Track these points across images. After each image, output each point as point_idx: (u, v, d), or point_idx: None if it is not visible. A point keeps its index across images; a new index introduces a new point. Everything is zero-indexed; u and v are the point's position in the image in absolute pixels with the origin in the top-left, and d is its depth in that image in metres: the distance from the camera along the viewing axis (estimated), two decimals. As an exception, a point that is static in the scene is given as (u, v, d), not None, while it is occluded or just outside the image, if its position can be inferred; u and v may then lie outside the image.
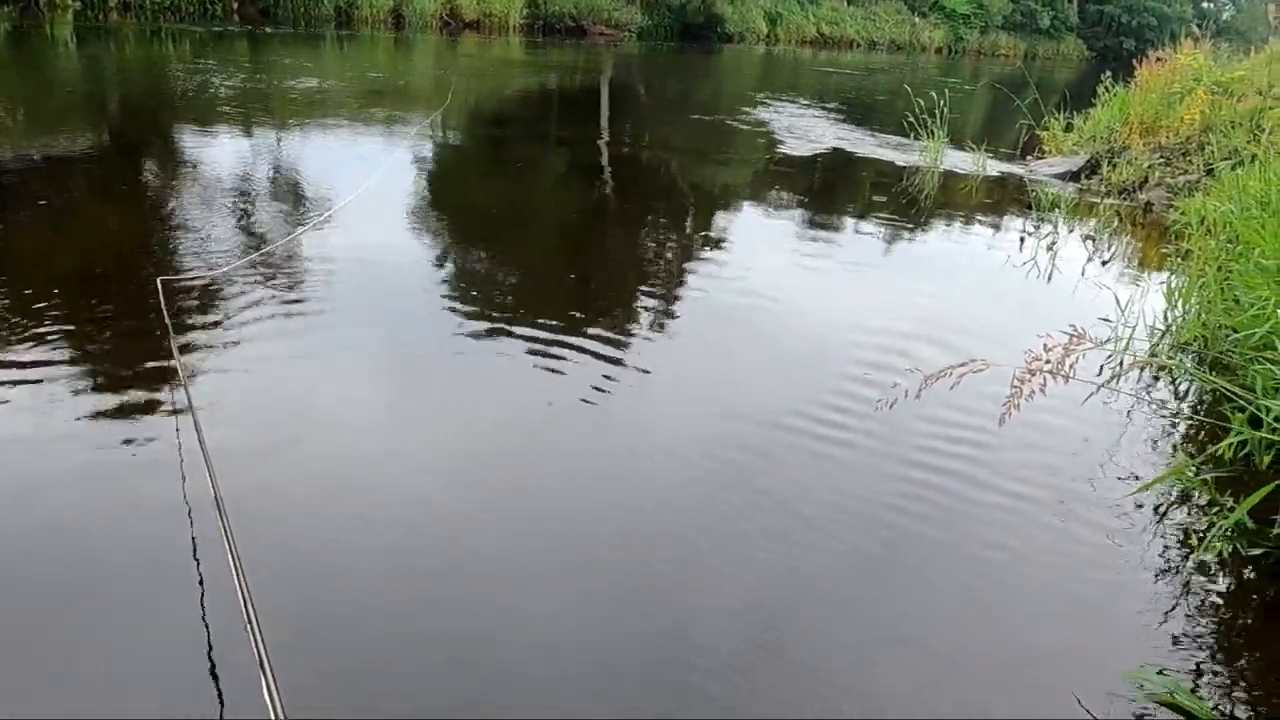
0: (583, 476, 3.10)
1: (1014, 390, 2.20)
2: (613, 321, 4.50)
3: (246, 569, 2.07)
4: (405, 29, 25.66)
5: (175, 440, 2.98)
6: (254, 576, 2.06)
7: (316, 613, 2.31)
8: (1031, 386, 2.17)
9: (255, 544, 2.41)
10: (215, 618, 2.20)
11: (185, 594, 2.29)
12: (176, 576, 2.36)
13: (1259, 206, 5.27)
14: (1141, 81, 11.36)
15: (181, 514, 2.60)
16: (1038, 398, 2.33)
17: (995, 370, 2.34)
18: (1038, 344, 2.28)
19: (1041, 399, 2.45)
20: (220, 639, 2.13)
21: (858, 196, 8.91)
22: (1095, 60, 45.13)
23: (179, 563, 2.41)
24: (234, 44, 18.18)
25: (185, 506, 2.63)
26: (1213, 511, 3.05)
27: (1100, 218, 8.02)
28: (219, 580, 2.24)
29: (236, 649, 2.00)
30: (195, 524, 2.54)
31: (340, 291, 4.52)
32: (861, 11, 42.09)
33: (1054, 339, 2.35)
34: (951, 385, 2.28)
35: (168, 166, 7.31)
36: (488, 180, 7.81)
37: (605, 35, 30.84)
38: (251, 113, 9.98)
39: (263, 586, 2.13)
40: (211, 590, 2.29)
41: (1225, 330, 4.11)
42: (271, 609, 2.09)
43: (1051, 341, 2.30)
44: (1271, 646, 2.48)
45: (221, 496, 2.40)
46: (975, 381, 2.53)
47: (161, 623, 2.22)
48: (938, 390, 2.54)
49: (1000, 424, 2.25)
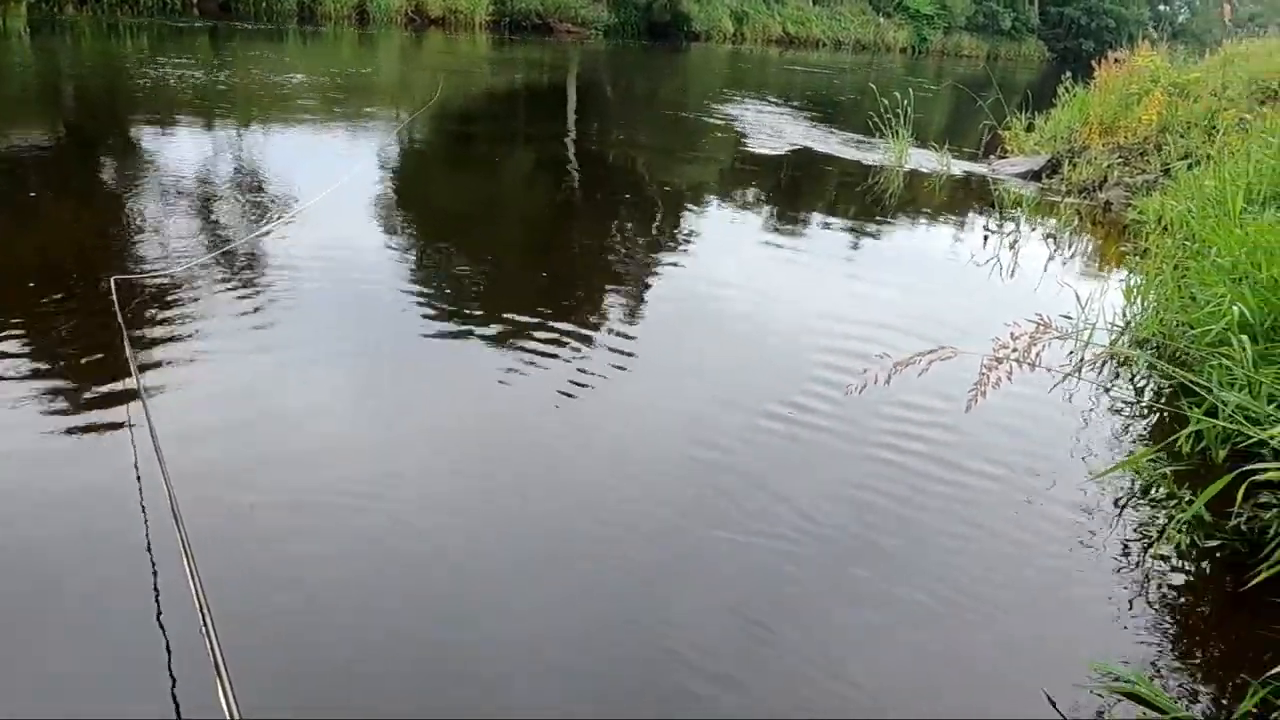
0: (553, 472, 3.08)
1: (981, 377, 2.22)
2: (581, 318, 4.48)
3: (203, 572, 2.03)
4: (369, 25, 25.38)
5: (129, 441, 2.92)
6: (211, 579, 2.03)
7: (276, 616, 2.27)
8: (998, 374, 2.20)
9: (212, 546, 2.38)
10: (171, 622, 2.16)
11: (141, 598, 2.25)
12: (131, 581, 2.31)
13: (1214, 206, 5.38)
14: (1100, 82, 11.55)
15: (137, 519, 2.55)
16: (1003, 394, 2.36)
17: (961, 361, 2.36)
18: (1003, 336, 2.31)
19: (1005, 394, 2.48)
20: (177, 643, 2.10)
21: (824, 195, 8.97)
22: (1056, 61, 45.81)
23: (134, 567, 2.36)
24: (194, 39, 17.86)
25: (140, 512, 2.58)
26: (1171, 505, 3.11)
27: (1061, 216, 8.14)
28: (176, 585, 2.19)
29: (194, 652, 1.96)
30: (150, 527, 2.49)
31: (301, 291, 4.46)
32: (827, 11, 42.34)
33: (1021, 327, 2.38)
34: (920, 373, 2.30)
35: (121, 163, 7.17)
36: (455, 178, 7.75)
37: (571, 33, 30.74)
38: (211, 109, 9.83)
39: (220, 589, 2.10)
40: (167, 594, 2.25)
41: (1182, 327, 4.19)
42: (230, 612, 2.07)
43: (1019, 330, 2.33)
44: (1228, 636, 2.53)
45: (176, 499, 2.35)
46: (941, 374, 2.55)
47: (117, 627, 2.18)
48: (905, 382, 2.56)
49: (967, 410, 2.27)
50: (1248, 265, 3.75)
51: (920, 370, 2.28)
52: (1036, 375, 2.49)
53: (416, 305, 4.45)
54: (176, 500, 2.34)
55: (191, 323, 3.95)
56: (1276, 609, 2.45)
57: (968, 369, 2.36)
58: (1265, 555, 2.52)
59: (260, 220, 5.64)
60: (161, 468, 2.56)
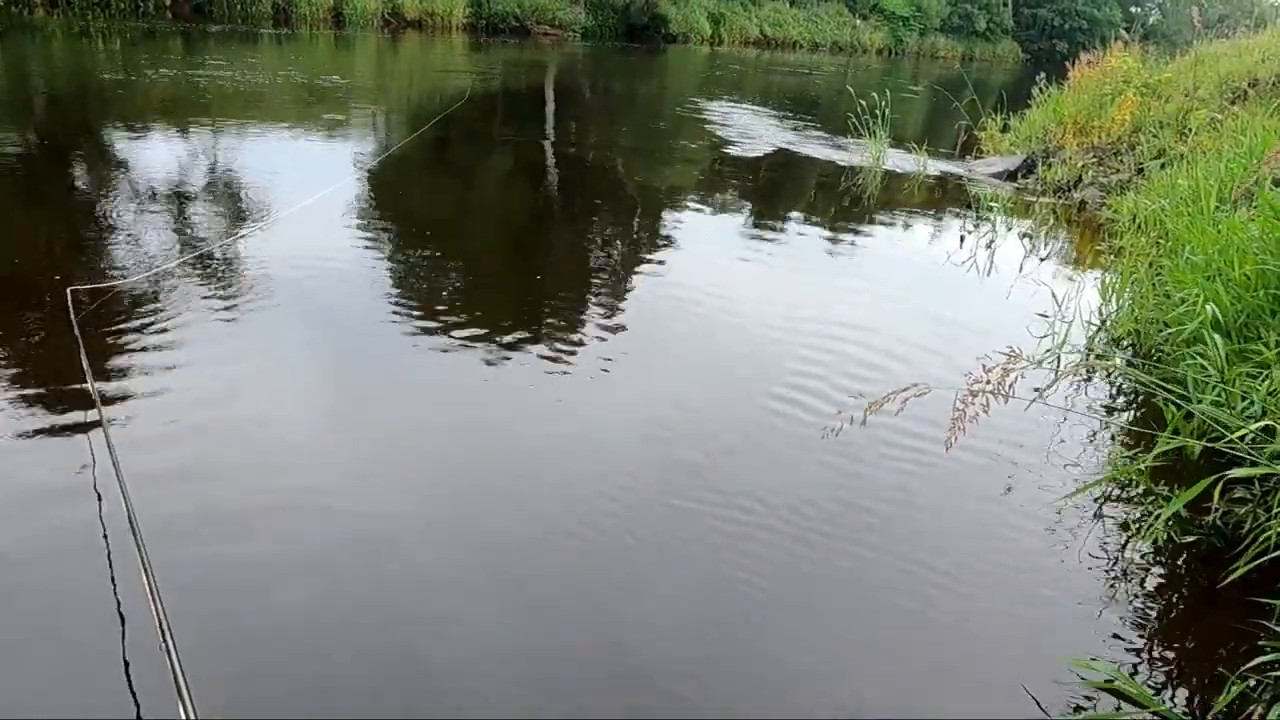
0: (521, 478, 3.06)
1: (957, 414, 2.24)
2: (557, 324, 4.47)
3: (161, 580, 2.02)
4: (345, 28, 25.23)
5: (87, 448, 2.88)
6: (170, 588, 2.01)
7: (236, 625, 2.25)
8: (975, 409, 2.23)
9: (170, 555, 2.36)
10: (131, 631, 2.14)
11: (100, 606, 2.22)
12: (89, 589, 2.28)
13: (1188, 204, 5.45)
14: (1074, 83, 11.67)
15: (95, 526, 2.51)
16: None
17: (940, 373, 2.37)
18: (978, 344, 2.33)
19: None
20: (134, 652, 2.08)
21: (803, 196, 8.99)
22: (1030, 62, 46.22)
23: (93, 575, 2.33)
24: (167, 42, 17.69)
25: (98, 520, 2.54)
26: (1148, 501, 3.13)
27: (1037, 216, 8.21)
28: (135, 593, 2.16)
29: (152, 662, 1.94)
30: (109, 534, 2.45)
31: (268, 298, 4.40)
32: (804, 13, 42.53)
33: (992, 359, 2.40)
34: (896, 411, 2.32)
35: (90, 170, 7.08)
36: (430, 182, 7.70)
37: (549, 35, 30.69)
38: (182, 115, 9.72)
39: (178, 596, 2.07)
40: (127, 603, 2.21)
41: (1157, 325, 4.23)
42: (189, 620, 2.05)
43: (990, 362, 2.36)
44: (1205, 630, 2.55)
45: (134, 510, 2.34)
46: (921, 381, 2.56)
47: (74, 636, 2.16)
48: (881, 391, 2.56)
49: (946, 449, 2.29)
50: (1220, 263, 3.79)
51: (897, 409, 2.30)
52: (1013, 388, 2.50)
53: (387, 311, 4.42)
54: (134, 511, 2.32)
55: (151, 331, 3.89)
56: (1253, 604, 2.48)
57: (947, 382, 2.37)
58: (1241, 551, 2.54)
59: (228, 228, 5.58)
60: (118, 476, 2.53)
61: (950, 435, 2.22)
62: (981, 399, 2.20)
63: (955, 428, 2.20)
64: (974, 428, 3.56)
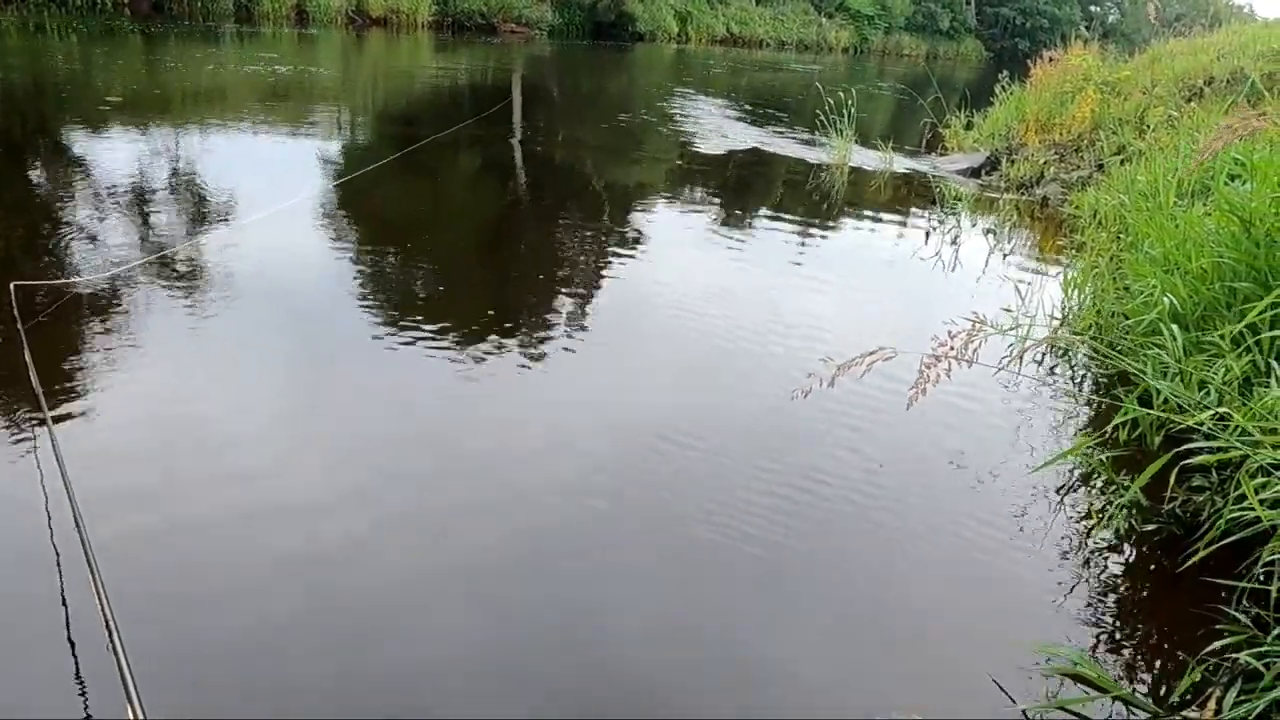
0: (486, 481, 3.04)
1: (920, 375, 2.25)
2: (526, 324, 4.46)
3: (108, 581, 2.01)
4: (309, 25, 24.95)
5: (30, 445, 2.82)
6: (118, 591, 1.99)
7: (187, 623, 2.22)
8: (937, 371, 2.24)
9: (120, 557, 2.33)
10: (80, 640, 2.11)
11: (47, 608, 2.19)
12: (34, 590, 2.25)
13: (1146, 199, 5.55)
14: (1036, 81, 11.83)
15: (40, 525, 2.48)
16: (945, 388, 2.40)
17: (903, 359, 2.40)
18: (943, 332, 2.35)
19: (947, 388, 2.52)
20: (83, 650, 2.06)
21: (770, 193, 9.04)
22: (993, 60, 46.82)
23: (38, 576, 2.30)
24: (126, 40, 17.38)
25: (44, 516, 2.49)
26: (1110, 490, 3.19)
27: (1000, 212, 8.32)
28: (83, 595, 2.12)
29: (101, 661, 1.92)
30: (55, 533, 2.42)
31: (223, 299, 4.35)
32: (770, 12, 42.76)
33: (958, 326, 2.43)
34: (862, 374, 2.33)
35: (42, 169, 6.94)
36: (396, 182, 7.63)
37: (516, 33, 30.58)
38: (140, 114, 9.57)
39: (128, 599, 2.04)
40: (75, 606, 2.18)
41: (1118, 318, 4.30)
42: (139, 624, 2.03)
43: (956, 328, 2.38)
44: (1167, 615, 2.61)
45: (80, 515, 2.30)
46: (883, 369, 2.59)
47: (19, 634, 2.14)
48: (847, 378, 2.59)
49: (908, 407, 2.30)
50: (1178, 256, 3.86)
51: (863, 371, 2.31)
52: (977, 368, 2.53)
53: (348, 312, 4.38)
54: (80, 514, 2.29)
55: (100, 332, 3.83)
56: (1211, 588, 2.53)
57: (909, 367, 2.39)
58: (1199, 536, 2.59)
59: (184, 230, 5.50)
60: (62, 475, 2.49)
61: (913, 393, 2.23)
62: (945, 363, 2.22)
63: (917, 387, 2.22)
64: (939, 424, 3.63)
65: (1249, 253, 3.30)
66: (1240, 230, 3.39)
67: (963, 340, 2.29)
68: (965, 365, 2.29)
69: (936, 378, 2.22)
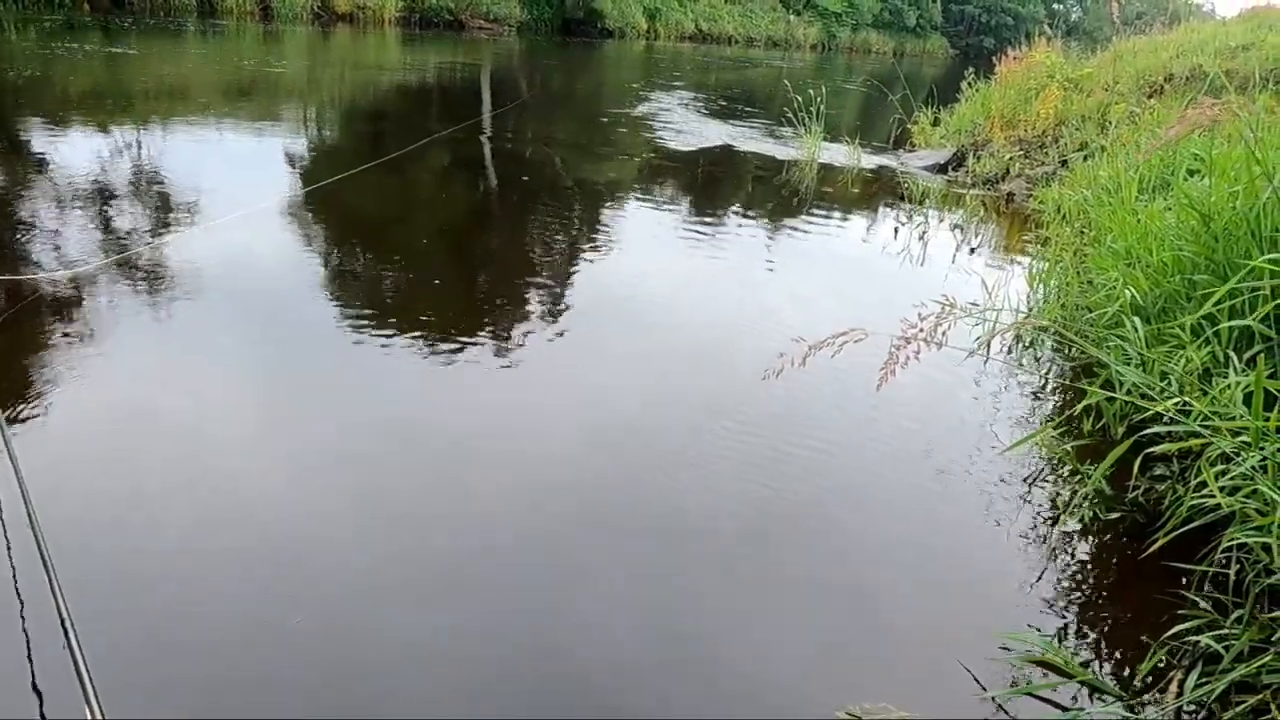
0: (457, 478, 3.04)
1: (890, 356, 2.28)
2: (498, 320, 4.45)
3: (64, 579, 1.99)
4: (273, 21, 24.65)
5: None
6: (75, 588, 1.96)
7: (147, 622, 2.20)
8: (907, 353, 2.26)
9: (77, 554, 2.31)
10: (35, 631, 2.08)
11: (2, 612, 2.15)
12: None
13: (1108, 194, 5.64)
14: (1001, 78, 11.98)
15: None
16: (911, 377, 2.44)
17: (872, 344, 2.43)
18: (913, 319, 2.38)
19: (913, 377, 2.56)
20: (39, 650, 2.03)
21: (740, 189, 9.07)
22: (959, 57, 47.36)
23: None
24: (86, 35, 17.06)
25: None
26: (1075, 480, 3.25)
27: (967, 208, 8.42)
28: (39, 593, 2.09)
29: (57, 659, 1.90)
30: (7, 531, 2.38)
31: (185, 296, 4.32)
32: (738, 8, 42.91)
33: (928, 308, 2.46)
34: (833, 355, 2.35)
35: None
36: (364, 181, 7.57)
37: (485, 29, 30.42)
38: (100, 112, 9.41)
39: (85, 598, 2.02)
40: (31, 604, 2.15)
41: (1081, 310, 4.38)
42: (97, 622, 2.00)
43: (926, 311, 2.41)
44: (1130, 601, 2.66)
45: (35, 515, 2.28)
46: (852, 358, 2.62)
47: None
48: (816, 365, 2.61)
49: (877, 388, 2.32)
50: (1140, 250, 3.94)
51: (833, 353, 2.34)
52: (944, 358, 2.57)
53: (321, 312, 4.35)
54: (33, 506, 2.26)
55: (62, 332, 3.78)
56: (1172, 573, 2.59)
57: (878, 354, 2.42)
58: (1162, 524, 2.65)
59: (148, 228, 5.43)
60: (15, 471, 2.45)
61: (883, 373, 2.26)
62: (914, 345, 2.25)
63: (887, 367, 2.25)
64: (906, 414, 3.67)
65: (1208, 246, 3.37)
66: (1199, 224, 3.46)
67: (932, 322, 2.32)
68: (935, 348, 2.32)
69: (906, 359, 2.25)
